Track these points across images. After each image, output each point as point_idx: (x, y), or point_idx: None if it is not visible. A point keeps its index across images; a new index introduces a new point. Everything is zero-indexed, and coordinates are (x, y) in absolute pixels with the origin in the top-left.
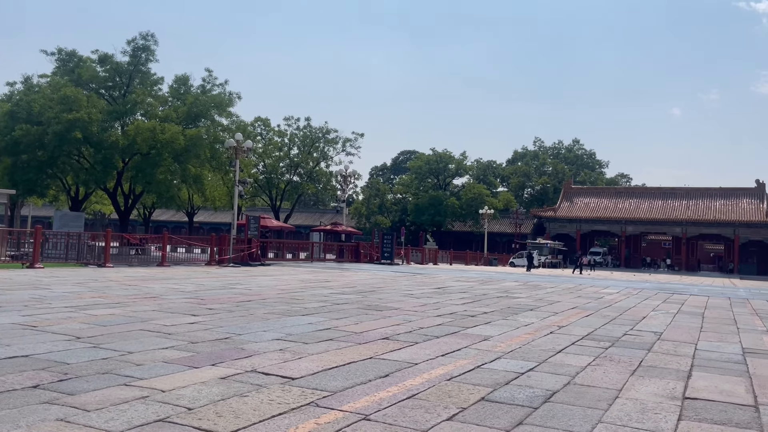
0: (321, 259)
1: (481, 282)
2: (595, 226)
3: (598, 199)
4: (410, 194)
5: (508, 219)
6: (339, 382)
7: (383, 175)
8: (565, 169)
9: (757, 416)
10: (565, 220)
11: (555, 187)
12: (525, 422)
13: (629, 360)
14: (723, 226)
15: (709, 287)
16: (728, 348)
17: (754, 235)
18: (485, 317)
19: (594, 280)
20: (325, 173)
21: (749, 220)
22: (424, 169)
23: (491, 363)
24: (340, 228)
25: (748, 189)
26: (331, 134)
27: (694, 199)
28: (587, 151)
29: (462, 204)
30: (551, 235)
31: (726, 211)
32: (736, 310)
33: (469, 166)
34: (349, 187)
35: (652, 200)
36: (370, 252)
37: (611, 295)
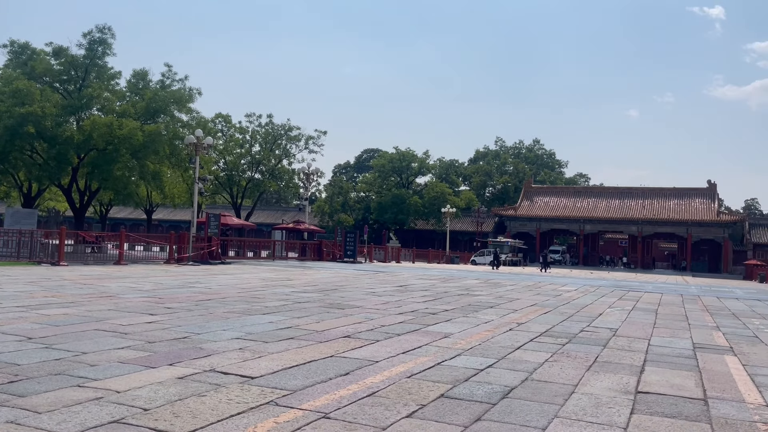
0: (283, 257)
1: (442, 280)
2: (554, 225)
3: (558, 198)
4: (373, 192)
5: (470, 218)
6: (299, 381)
7: (346, 173)
8: (526, 168)
9: (706, 409)
10: (525, 219)
11: (516, 186)
12: (483, 418)
13: (585, 356)
14: (676, 225)
15: (662, 284)
16: (680, 343)
17: (706, 233)
18: (446, 315)
19: (553, 278)
20: (288, 171)
21: (701, 220)
22: (387, 168)
23: (451, 360)
24: (302, 226)
25: (701, 189)
26: (294, 131)
27: (650, 198)
28: (547, 151)
29: (425, 203)
30: (512, 233)
31: (679, 210)
32: (688, 307)
33: (431, 165)
34: (311, 185)
35: (609, 200)
36: (333, 250)
37: (569, 292)
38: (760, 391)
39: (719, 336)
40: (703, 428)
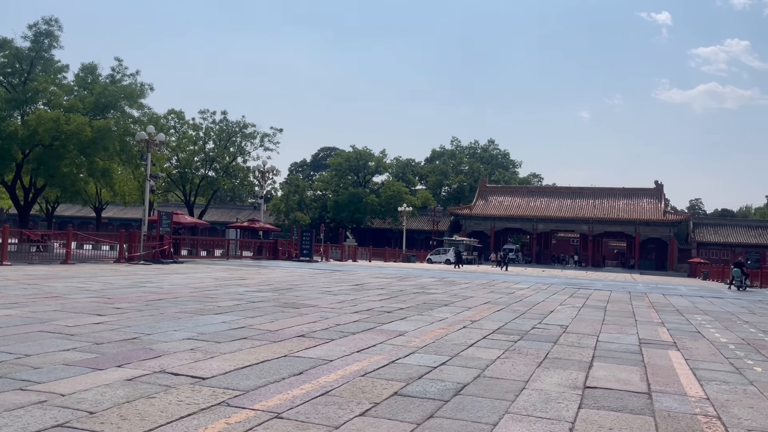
0: (237, 256)
1: (398, 278)
2: (508, 224)
3: (512, 197)
4: (330, 191)
5: (426, 216)
6: (252, 381)
7: (303, 172)
8: (481, 168)
9: (650, 403)
10: (480, 218)
11: (471, 185)
12: (436, 415)
13: (536, 352)
14: (625, 225)
15: (612, 282)
16: (626, 339)
17: (653, 232)
18: (401, 313)
19: (507, 276)
20: (243, 168)
21: (648, 219)
22: (344, 166)
23: (405, 358)
24: (257, 225)
25: (648, 189)
26: (249, 129)
27: (600, 198)
28: (502, 151)
29: (381, 201)
30: (467, 232)
31: (628, 210)
32: (635, 304)
33: (388, 164)
34: (267, 183)
35: (561, 199)
36: (289, 249)
37: (522, 290)
38: (701, 385)
39: (664, 332)
40: (646, 421)
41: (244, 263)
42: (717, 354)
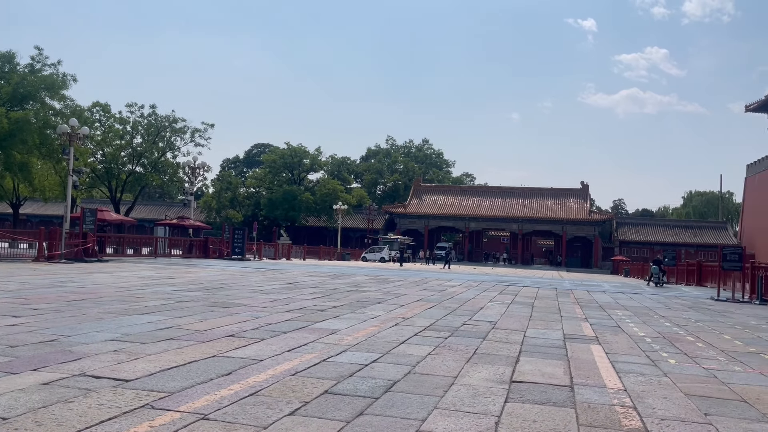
0: (166, 254)
1: (332, 277)
2: (441, 222)
3: (445, 196)
4: (264, 188)
5: (361, 215)
6: (178, 383)
7: (236, 168)
8: (416, 167)
9: (572, 395)
10: (414, 217)
11: (406, 184)
12: (365, 412)
13: (466, 348)
14: (553, 224)
15: (539, 279)
16: (552, 334)
17: (579, 231)
18: (334, 311)
19: (439, 274)
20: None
21: (575, 218)
22: (278, 163)
23: (337, 356)
24: (187, 222)
25: (575, 190)
26: (179, 123)
27: (529, 198)
28: (436, 150)
29: (316, 199)
30: (401, 230)
31: (556, 209)
32: (561, 300)
33: (323, 161)
34: (198, 180)
35: (493, 199)
36: (220, 247)
37: (454, 287)
38: (620, 377)
39: (587, 327)
40: (568, 413)
41: (173, 262)
42: (635, 347)
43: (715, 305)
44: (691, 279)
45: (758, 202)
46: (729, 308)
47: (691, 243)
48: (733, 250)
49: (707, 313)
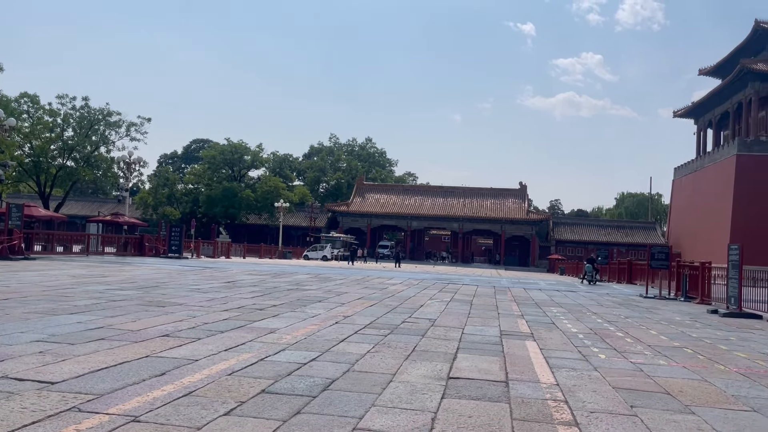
0: (99, 252)
1: (273, 275)
2: (384, 221)
3: (388, 195)
4: (203, 185)
5: (303, 213)
6: (108, 384)
7: (173, 164)
8: (359, 166)
9: (507, 390)
10: (357, 215)
11: (349, 182)
12: (303, 411)
13: (405, 346)
14: (492, 223)
15: (478, 277)
16: (489, 331)
17: (517, 230)
18: (274, 310)
19: (381, 272)
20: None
21: (513, 218)
22: (218, 160)
23: (275, 355)
24: (122, 219)
25: (514, 190)
26: (114, 117)
27: (470, 198)
28: (379, 149)
29: (257, 196)
30: (344, 228)
31: (495, 209)
32: (499, 298)
33: (265, 158)
34: (133, 175)
35: (434, 198)
36: (157, 245)
37: (395, 285)
38: (553, 372)
39: (523, 323)
40: (502, 408)
41: (106, 260)
42: (568, 343)
43: (643, 302)
44: (622, 277)
45: (684, 204)
46: (656, 305)
47: (623, 242)
48: (660, 250)
49: (636, 310)
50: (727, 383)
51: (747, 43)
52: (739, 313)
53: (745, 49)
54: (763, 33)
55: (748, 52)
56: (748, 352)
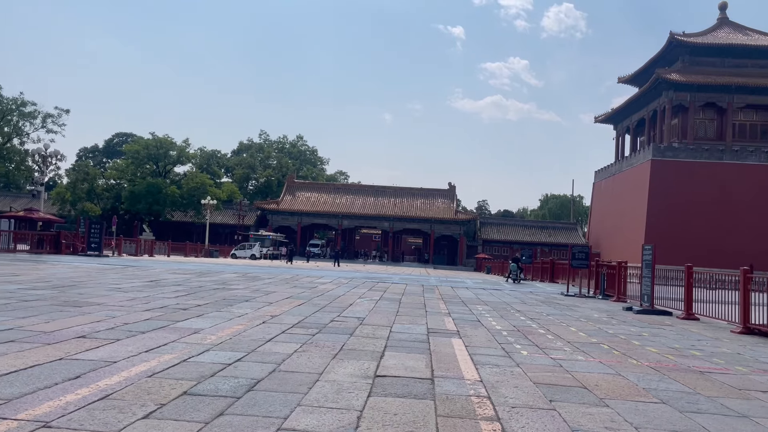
0: (11, 250)
1: (198, 274)
2: (315, 220)
3: (319, 194)
4: (126, 180)
5: (231, 210)
6: (17, 388)
7: (94, 158)
8: (289, 163)
9: (432, 387)
10: (287, 213)
11: (279, 180)
12: (226, 413)
13: (332, 345)
14: (422, 222)
15: (408, 276)
16: (417, 329)
17: (446, 230)
18: (198, 310)
19: (310, 271)
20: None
21: (442, 217)
22: (142, 154)
23: (199, 356)
24: (36, 215)
25: (443, 190)
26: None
27: (401, 197)
28: (310, 147)
29: (183, 193)
30: (274, 227)
31: (425, 209)
32: (427, 296)
33: (192, 154)
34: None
35: (365, 197)
36: (75, 242)
37: (324, 284)
38: (477, 369)
39: (449, 321)
40: (427, 405)
41: (18, 258)
42: (492, 340)
43: (564, 300)
44: (545, 276)
45: (604, 206)
46: (576, 303)
47: (546, 242)
48: (580, 249)
49: (557, 308)
50: (639, 377)
51: (663, 54)
52: (652, 310)
53: (661, 59)
54: (678, 45)
55: (663, 62)
56: (659, 347)
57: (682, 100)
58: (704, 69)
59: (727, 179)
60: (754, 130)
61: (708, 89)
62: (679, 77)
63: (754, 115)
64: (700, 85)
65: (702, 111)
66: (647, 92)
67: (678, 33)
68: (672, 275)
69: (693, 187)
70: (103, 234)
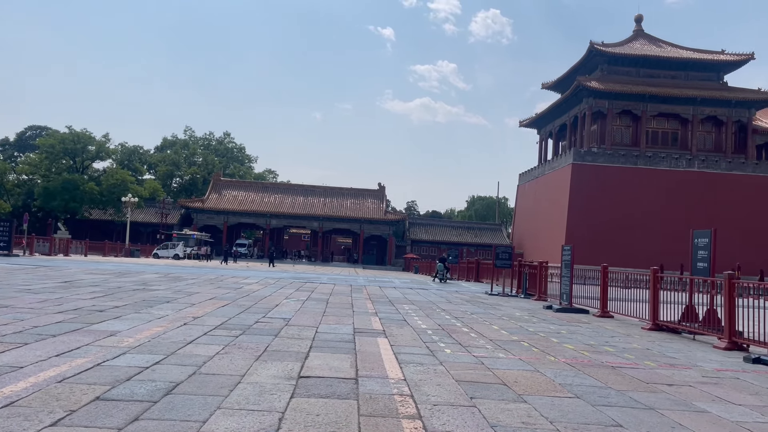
0: None
1: (117, 274)
2: (242, 219)
3: (246, 192)
4: (39, 176)
5: (154, 208)
6: None
7: (4, 152)
8: (216, 161)
9: (356, 387)
10: (213, 212)
11: (205, 178)
12: (141, 417)
13: (256, 346)
14: (352, 222)
15: (336, 276)
16: (343, 329)
17: (375, 230)
18: (116, 311)
19: (236, 271)
20: None
21: (372, 218)
22: (57, 149)
23: (114, 359)
24: None
25: (373, 190)
26: None
27: (330, 197)
28: (238, 145)
29: (103, 190)
30: (198, 226)
31: (355, 209)
32: (355, 296)
33: (112, 149)
34: None
35: (295, 196)
36: None
37: (250, 285)
38: (401, 368)
39: (376, 321)
40: (350, 404)
41: None
42: (417, 339)
43: (488, 299)
44: (470, 275)
45: (527, 207)
46: (499, 302)
47: (473, 243)
48: (504, 250)
49: (481, 306)
50: (556, 373)
51: (583, 62)
52: (570, 308)
53: (581, 67)
54: (597, 53)
55: (584, 70)
56: (575, 344)
57: (601, 107)
58: (621, 78)
59: (642, 183)
60: (666, 137)
61: (624, 97)
62: (598, 85)
63: (666, 123)
64: (617, 93)
65: (619, 118)
66: (569, 99)
67: (597, 42)
68: (589, 275)
69: (610, 191)
70: (12, 232)
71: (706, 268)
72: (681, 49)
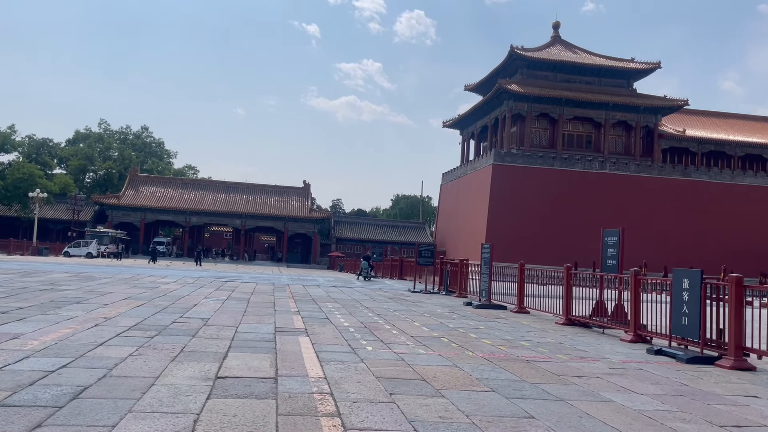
0: None
1: (23, 274)
2: (160, 216)
3: (165, 188)
4: None
5: (65, 204)
6: None
7: None
8: (133, 155)
9: (275, 386)
10: (129, 209)
11: (121, 173)
12: (44, 424)
13: (172, 347)
14: (276, 220)
15: (259, 275)
16: (264, 328)
17: (300, 228)
18: (20, 313)
19: (153, 270)
20: None
21: (297, 216)
22: None
23: (16, 363)
24: None
25: (298, 188)
26: None
27: (254, 194)
28: (156, 139)
29: (8, 185)
30: (114, 223)
31: (279, 206)
32: (277, 295)
33: (19, 141)
34: None
35: (216, 193)
36: None
37: (168, 284)
38: (322, 366)
39: (298, 319)
40: (269, 404)
41: None
42: (339, 337)
43: (411, 296)
44: (394, 273)
45: (450, 206)
46: (422, 299)
47: (397, 241)
48: (426, 248)
49: (404, 304)
50: (473, 367)
51: (504, 65)
52: (489, 304)
53: (502, 70)
54: (517, 57)
55: (505, 74)
56: (493, 339)
57: (521, 110)
58: (540, 82)
59: (558, 184)
60: (580, 140)
61: (542, 101)
62: (518, 88)
63: (581, 126)
64: (536, 96)
65: (537, 120)
66: (490, 101)
67: (518, 47)
68: (508, 272)
69: (529, 191)
70: None
71: (615, 265)
72: (595, 56)
